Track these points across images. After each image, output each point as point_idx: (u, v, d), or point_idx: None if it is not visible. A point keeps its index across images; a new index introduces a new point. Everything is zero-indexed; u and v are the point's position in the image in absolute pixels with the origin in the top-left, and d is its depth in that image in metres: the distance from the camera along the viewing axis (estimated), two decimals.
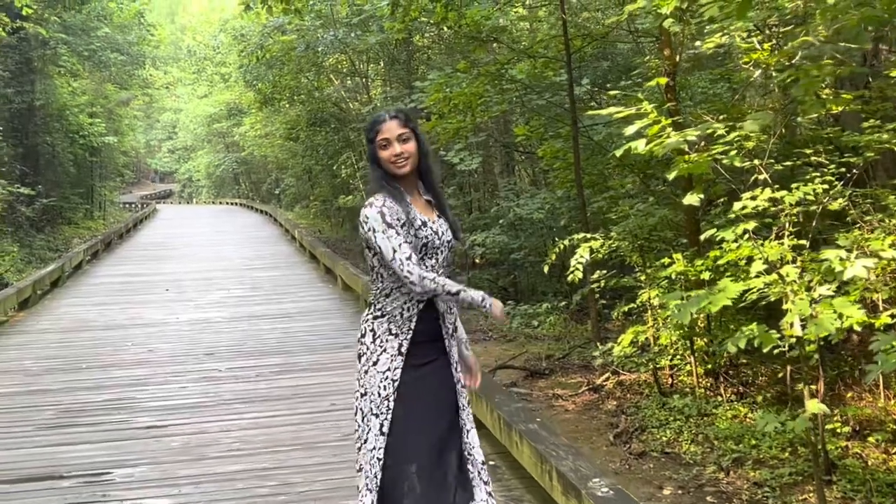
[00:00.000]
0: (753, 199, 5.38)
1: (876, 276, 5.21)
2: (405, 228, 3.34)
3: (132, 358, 8.87)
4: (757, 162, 5.19)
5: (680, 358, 7.73)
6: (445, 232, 3.50)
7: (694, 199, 4.93)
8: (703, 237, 5.59)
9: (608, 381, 8.00)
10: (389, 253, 3.29)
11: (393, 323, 3.44)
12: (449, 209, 3.63)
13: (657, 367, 7.57)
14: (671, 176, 4.87)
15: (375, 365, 3.42)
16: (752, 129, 4.52)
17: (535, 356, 9.43)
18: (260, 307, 11.93)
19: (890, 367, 3.90)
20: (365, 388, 3.44)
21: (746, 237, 5.25)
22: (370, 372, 3.42)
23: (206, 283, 14.62)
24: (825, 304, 4.32)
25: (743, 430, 6.34)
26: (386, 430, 3.39)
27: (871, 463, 5.64)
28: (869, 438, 5.99)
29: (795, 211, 5.40)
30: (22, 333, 10.53)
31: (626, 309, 8.47)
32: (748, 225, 4.81)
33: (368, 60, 22.39)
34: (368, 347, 3.45)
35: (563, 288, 12.80)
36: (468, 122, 10.75)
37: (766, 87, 7.93)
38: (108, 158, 36.20)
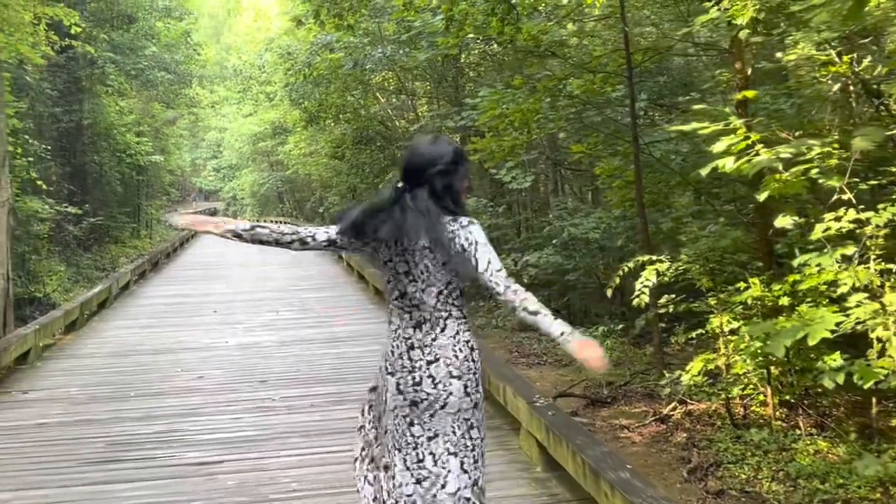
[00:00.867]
0: (837, 220, 5.03)
1: None
2: None
3: (182, 385, 8.57)
4: (836, 181, 4.82)
5: (753, 387, 7.31)
6: None
7: (786, 221, 4.56)
8: (795, 262, 5.20)
9: (675, 410, 7.60)
10: (487, 264, 3.26)
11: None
12: None
13: (729, 396, 7.17)
14: (762, 196, 4.51)
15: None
16: (861, 146, 4.14)
17: (594, 383, 9.06)
18: (310, 330, 11.63)
19: None
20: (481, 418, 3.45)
21: (833, 261, 4.89)
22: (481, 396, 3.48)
23: (254, 304, 14.41)
24: None
25: (827, 467, 5.92)
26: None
27: None
28: None
29: (882, 233, 5.04)
30: (69, 358, 10.30)
31: (693, 335, 8.07)
32: (847, 249, 4.44)
33: (415, 78, 22.17)
34: (478, 365, 3.47)
35: (617, 310, 12.41)
36: (523, 139, 10.43)
37: (842, 101, 7.51)
38: (154, 177, 36.40)
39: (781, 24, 7.16)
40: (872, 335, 4.84)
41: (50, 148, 20.82)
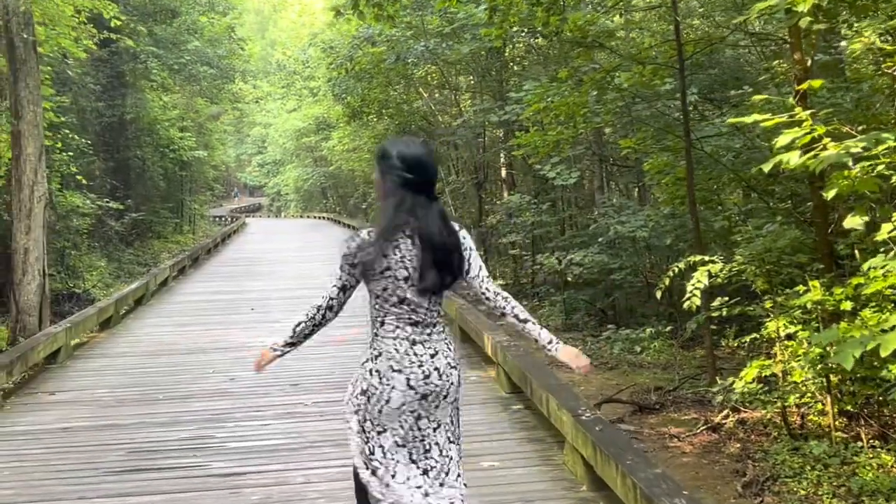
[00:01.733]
0: None
1: None
2: None
3: (212, 388, 8.27)
4: None
5: (810, 396, 6.90)
6: None
7: (856, 220, 4.19)
8: (865, 266, 4.83)
9: (728, 418, 7.23)
10: (479, 269, 3.59)
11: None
12: None
13: (786, 405, 6.78)
14: (829, 194, 4.14)
15: None
16: None
17: (641, 388, 8.71)
18: (349, 330, 11.33)
19: None
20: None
21: None
22: None
23: (292, 302, 14.11)
24: None
25: (893, 482, 5.53)
26: None
27: None
28: None
29: None
30: (100, 357, 10.11)
31: (747, 340, 7.68)
32: None
33: (458, 72, 21.87)
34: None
35: (665, 311, 12.03)
36: (569, 133, 10.09)
37: None
38: (197, 172, 36.45)
39: (843, 12, 6.78)
40: None
41: (92, 143, 20.82)
